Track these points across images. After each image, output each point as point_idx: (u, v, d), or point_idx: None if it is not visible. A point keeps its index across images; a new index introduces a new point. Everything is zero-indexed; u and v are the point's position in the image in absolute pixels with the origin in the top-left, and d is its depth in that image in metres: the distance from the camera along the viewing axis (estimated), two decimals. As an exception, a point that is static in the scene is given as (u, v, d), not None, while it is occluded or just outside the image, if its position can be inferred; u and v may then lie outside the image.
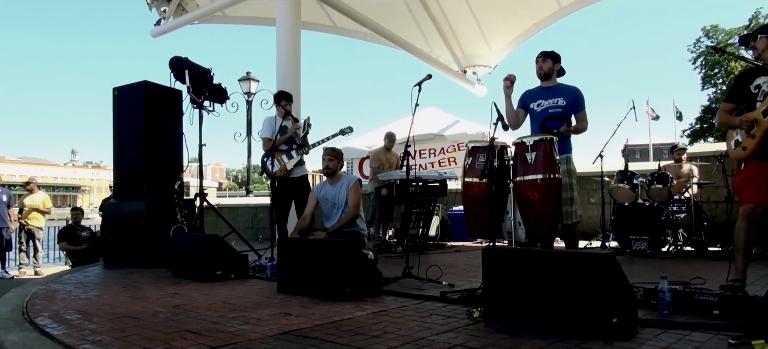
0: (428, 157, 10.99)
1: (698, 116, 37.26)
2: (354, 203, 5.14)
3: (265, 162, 6.15)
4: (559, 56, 4.65)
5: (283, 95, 6.39)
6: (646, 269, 5.24)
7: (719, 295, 3.10)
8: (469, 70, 11.62)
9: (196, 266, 4.83)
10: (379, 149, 8.26)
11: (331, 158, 5.20)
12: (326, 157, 5.21)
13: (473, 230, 4.28)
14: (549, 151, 3.99)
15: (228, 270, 4.84)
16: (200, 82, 6.13)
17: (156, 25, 10.22)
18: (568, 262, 2.71)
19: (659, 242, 6.36)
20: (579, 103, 4.58)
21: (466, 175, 4.25)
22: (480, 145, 4.23)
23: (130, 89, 6.39)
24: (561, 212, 4.17)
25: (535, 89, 4.71)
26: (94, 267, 6.35)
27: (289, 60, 7.81)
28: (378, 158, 8.07)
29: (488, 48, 11.23)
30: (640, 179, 6.84)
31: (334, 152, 5.24)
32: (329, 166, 5.18)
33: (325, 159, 5.21)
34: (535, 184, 3.95)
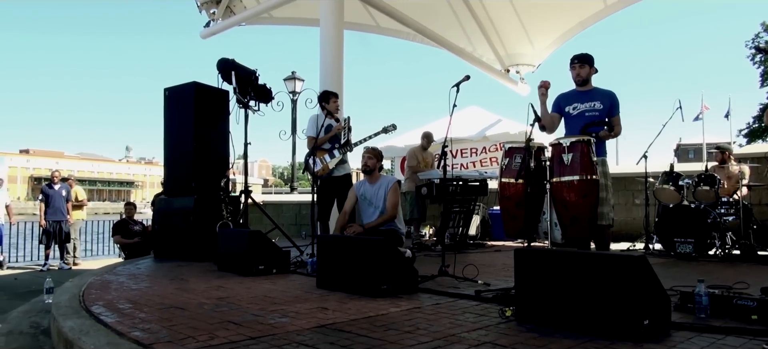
0: (470, 156, 10.99)
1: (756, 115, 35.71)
2: (392, 203, 5.22)
3: (307, 161, 6.30)
4: (593, 58, 4.64)
5: (330, 94, 6.52)
6: (689, 272, 5.15)
7: (759, 299, 3.05)
8: (512, 69, 11.55)
9: (239, 260, 5.02)
10: (416, 148, 8.31)
11: (371, 157, 5.31)
12: (365, 156, 5.33)
13: (509, 231, 4.31)
14: (586, 152, 3.99)
15: (270, 265, 5.01)
16: (246, 83, 6.33)
17: (205, 27, 10.57)
18: (600, 263, 2.73)
19: (705, 245, 6.22)
20: (615, 107, 4.58)
21: (503, 175, 4.28)
22: (517, 146, 4.26)
23: (180, 90, 6.65)
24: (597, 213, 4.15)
25: (570, 93, 4.71)
26: (145, 260, 6.65)
27: (333, 60, 7.96)
28: (415, 157, 8.14)
29: (532, 47, 11.13)
30: (685, 180, 6.70)
31: (374, 151, 5.35)
32: (368, 164, 5.29)
33: (365, 157, 5.33)
34: (572, 185, 3.95)
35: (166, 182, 6.79)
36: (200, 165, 6.41)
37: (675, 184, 6.69)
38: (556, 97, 4.84)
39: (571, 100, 4.68)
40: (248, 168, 6.60)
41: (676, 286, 3.75)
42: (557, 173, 4.02)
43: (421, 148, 8.25)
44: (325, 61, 7.92)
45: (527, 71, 11.60)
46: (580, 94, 4.67)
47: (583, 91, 4.66)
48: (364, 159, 5.32)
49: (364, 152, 5.36)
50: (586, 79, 4.60)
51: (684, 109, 6.78)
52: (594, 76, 4.74)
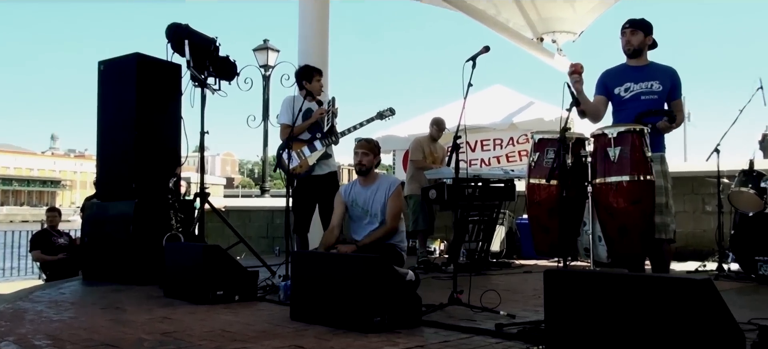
0: (492, 149, 11.03)
1: None
2: (394, 212, 5.22)
3: (281, 155, 6.31)
4: (652, 26, 4.66)
5: (311, 70, 6.52)
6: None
7: None
8: (547, 37, 11.60)
9: (192, 284, 5.02)
10: (423, 138, 8.28)
11: (366, 152, 5.26)
12: (359, 151, 5.27)
13: (540, 247, 4.33)
14: (638, 145, 4.00)
15: (231, 290, 5.01)
16: (203, 55, 6.35)
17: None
18: (653, 288, 2.73)
19: (797, 266, 6.23)
20: (677, 88, 4.63)
21: (532, 175, 4.29)
22: (549, 137, 4.28)
23: (119, 63, 6.66)
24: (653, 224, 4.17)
25: (619, 69, 4.73)
26: (72, 282, 6.65)
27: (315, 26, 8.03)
28: (421, 149, 8.06)
29: (572, 10, 11.17)
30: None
31: (370, 144, 5.31)
32: (363, 162, 5.25)
33: (359, 153, 5.27)
34: (620, 187, 3.97)
35: (99, 182, 6.80)
36: (144, 160, 6.42)
37: (756, 186, 6.68)
38: (601, 75, 4.85)
39: (622, 78, 4.69)
40: (206, 164, 6.62)
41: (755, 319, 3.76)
42: (601, 173, 4.03)
43: (430, 138, 8.23)
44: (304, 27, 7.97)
45: (566, 40, 11.64)
46: (633, 71, 4.68)
47: (636, 66, 4.68)
48: (358, 156, 5.27)
49: (357, 146, 5.32)
50: (638, 49, 4.63)
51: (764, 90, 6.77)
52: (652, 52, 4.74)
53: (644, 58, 4.70)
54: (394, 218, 5.22)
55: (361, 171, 5.29)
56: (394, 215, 5.22)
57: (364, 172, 5.29)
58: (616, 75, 4.74)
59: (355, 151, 5.37)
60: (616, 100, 4.71)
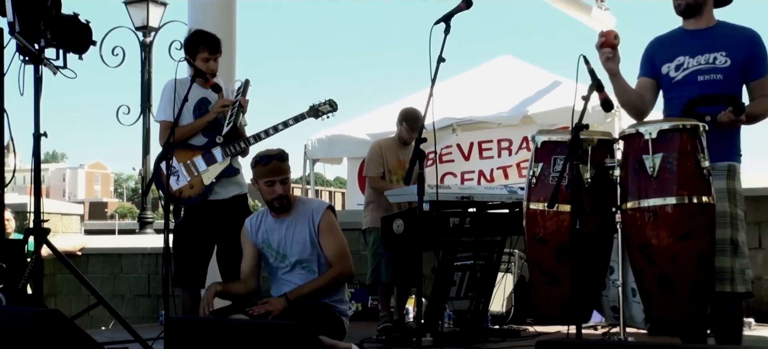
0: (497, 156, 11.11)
1: None
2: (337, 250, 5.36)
3: (158, 168, 6.36)
4: None
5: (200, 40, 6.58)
6: None
7: None
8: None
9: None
10: (386, 142, 8.35)
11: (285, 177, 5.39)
12: (276, 180, 5.36)
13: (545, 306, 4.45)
14: (690, 151, 4.13)
15: (78, 378, 5.06)
16: (35, 14, 6.36)
17: None
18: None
19: None
20: (759, 62, 4.69)
21: (532, 198, 4.41)
22: (558, 140, 4.39)
23: None
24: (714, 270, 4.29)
25: (672, 35, 4.88)
26: None
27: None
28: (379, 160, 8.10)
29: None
30: None
31: (285, 164, 5.42)
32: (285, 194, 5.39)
33: (275, 182, 5.36)
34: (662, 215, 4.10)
35: None
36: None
37: None
38: (648, 45, 5.00)
39: (674, 50, 4.82)
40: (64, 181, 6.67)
41: None
42: (635, 193, 4.16)
43: (398, 141, 8.29)
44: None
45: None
46: (691, 38, 4.80)
47: (695, 31, 4.79)
48: (274, 186, 5.36)
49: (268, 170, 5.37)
50: (695, 4, 4.71)
51: None
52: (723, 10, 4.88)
53: (708, 18, 4.79)
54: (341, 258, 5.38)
55: (282, 207, 5.39)
56: (340, 253, 5.38)
57: (285, 206, 5.39)
58: (666, 45, 4.88)
59: (266, 179, 5.43)
60: (665, 83, 4.84)
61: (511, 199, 7.65)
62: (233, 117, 6.42)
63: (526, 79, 11.57)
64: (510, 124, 11.00)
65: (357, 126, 12.17)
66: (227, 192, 6.52)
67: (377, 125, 11.60)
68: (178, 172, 6.37)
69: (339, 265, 5.32)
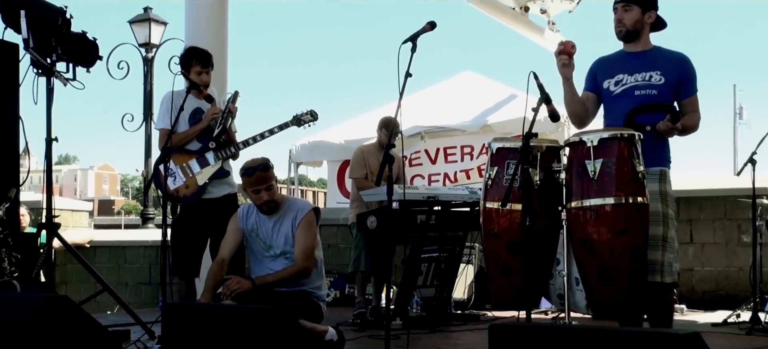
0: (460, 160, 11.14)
1: None
2: (306, 247, 5.37)
3: (157, 170, 6.38)
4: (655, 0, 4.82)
5: (193, 55, 6.61)
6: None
7: None
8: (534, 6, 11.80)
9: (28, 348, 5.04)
10: (368, 147, 8.40)
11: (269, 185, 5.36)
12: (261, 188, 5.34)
13: (499, 293, 4.48)
14: (627, 157, 4.18)
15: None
16: (48, 31, 6.36)
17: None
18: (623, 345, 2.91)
19: None
20: (688, 82, 4.74)
21: (488, 198, 4.44)
22: (511, 147, 4.43)
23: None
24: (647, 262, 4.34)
25: (614, 56, 4.90)
26: None
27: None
28: (362, 163, 8.18)
29: (568, -28, 11.41)
30: (819, 203, 6.96)
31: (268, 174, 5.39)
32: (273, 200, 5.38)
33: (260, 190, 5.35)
34: (602, 213, 4.14)
35: None
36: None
37: (802, 209, 6.96)
38: (592, 64, 5.03)
39: (614, 68, 4.85)
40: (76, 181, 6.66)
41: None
42: (578, 194, 4.20)
43: (378, 147, 8.34)
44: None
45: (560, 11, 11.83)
46: (629, 58, 4.83)
47: (633, 53, 4.83)
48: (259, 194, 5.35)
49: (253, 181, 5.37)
50: (633, 30, 4.74)
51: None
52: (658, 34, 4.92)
53: (645, 42, 4.84)
54: (305, 256, 5.36)
55: (271, 210, 5.42)
56: (306, 250, 5.36)
57: (274, 209, 5.42)
58: (608, 64, 4.90)
59: (251, 189, 5.43)
60: (606, 97, 4.86)
61: (471, 198, 7.67)
62: (222, 122, 6.46)
63: (485, 93, 11.62)
64: (472, 132, 11.03)
65: (335, 133, 12.19)
66: (219, 191, 6.54)
67: (353, 132, 11.67)
68: (175, 174, 6.38)
69: (301, 261, 5.31)
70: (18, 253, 6.23)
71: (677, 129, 4.60)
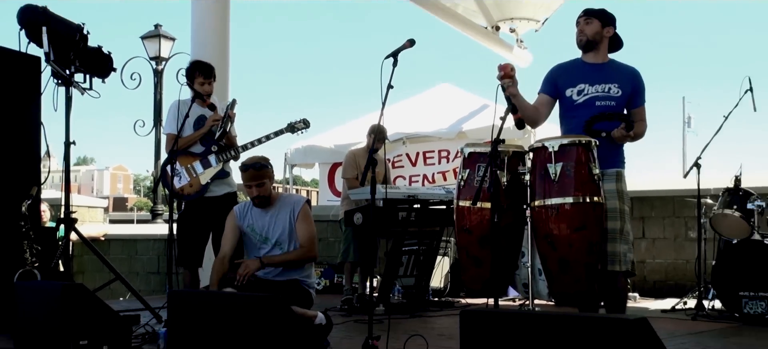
0: (437, 163, 11.19)
1: None
2: (308, 236, 5.36)
3: (164, 171, 6.38)
4: (613, 17, 4.82)
5: (196, 68, 6.61)
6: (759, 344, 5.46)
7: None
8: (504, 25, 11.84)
9: (49, 331, 5.01)
10: (359, 151, 8.43)
11: (260, 183, 5.32)
12: (253, 184, 5.32)
13: (471, 282, 4.51)
14: (584, 161, 4.20)
15: (99, 339, 5.01)
16: (67, 46, 6.35)
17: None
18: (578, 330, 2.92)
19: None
20: (639, 93, 4.79)
21: (461, 197, 4.46)
22: (482, 151, 4.44)
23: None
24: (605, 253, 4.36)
25: (573, 64, 4.91)
26: None
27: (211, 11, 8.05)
28: (353, 164, 8.23)
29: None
30: (757, 202, 6.97)
31: (260, 172, 5.35)
32: (260, 194, 5.34)
33: (252, 186, 5.33)
34: (562, 211, 4.16)
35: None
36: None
37: (742, 208, 6.95)
38: (551, 69, 5.02)
39: (576, 77, 4.85)
40: (93, 180, 6.65)
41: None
42: (541, 194, 4.22)
43: (367, 150, 8.36)
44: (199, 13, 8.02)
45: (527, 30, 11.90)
46: (590, 69, 4.84)
47: (593, 64, 4.84)
48: (252, 189, 5.33)
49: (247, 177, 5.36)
50: (592, 40, 4.78)
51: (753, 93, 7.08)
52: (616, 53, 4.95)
53: (603, 55, 4.86)
54: (310, 243, 5.36)
55: (261, 203, 5.40)
56: (310, 238, 5.37)
57: (264, 203, 5.40)
58: (569, 72, 4.90)
59: (245, 184, 5.44)
60: (567, 104, 4.86)
61: (447, 197, 7.70)
62: (222, 126, 6.46)
63: (460, 103, 11.65)
64: (448, 138, 11.05)
65: (326, 138, 12.21)
66: (220, 190, 6.55)
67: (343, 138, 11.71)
68: (180, 174, 6.39)
69: (307, 247, 5.33)
70: (39, 245, 6.21)
71: (630, 137, 4.65)
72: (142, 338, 5.38)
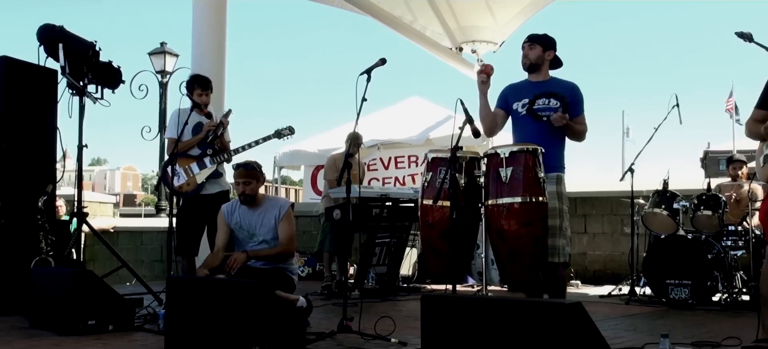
0: (408, 167, 11.24)
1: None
2: (289, 234, 5.34)
3: (165, 171, 6.34)
4: (553, 41, 4.85)
5: (193, 82, 6.59)
6: (679, 324, 5.48)
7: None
8: (467, 47, 11.87)
9: (61, 313, 4.97)
10: (338, 155, 8.45)
11: (247, 181, 5.30)
12: (241, 181, 5.31)
13: (432, 269, 4.50)
14: (531, 166, 4.20)
15: (105, 319, 4.99)
16: (80, 60, 6.32)
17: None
18: (522, 313, 2.93)
19: (706, 289, 6.57)
20: (578, 104, 4.78)
21: (424, 196, 4.46)
22: (443, 157, 4.44)
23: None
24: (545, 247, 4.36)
25: (520, 84, 4.91)
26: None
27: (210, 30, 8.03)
28: (334, 167, 8.25)
29: (492, 18, 11.47)
30: (682, 202, 7.06)
31: (250, 171, 5.34)
32: (246, 191, 5.31)
33: (240, 183, 5.32)
34: (511, 210, 4.16)
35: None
36: (11, 176, 6.29)
37: (669, 207, 7.06)
38: (504, 88, 5.02)
39: (522, 93, 4.85)
40: (105, 179, 6.60)
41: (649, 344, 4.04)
42: (493, 194, 4.22)
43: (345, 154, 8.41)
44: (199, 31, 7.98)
45: (487, 51, 11.92)
46: (533, 85, 4.85)
47: (537, 82, 4.85)
48: (239, 185, 5.32)
49: (236, 174, 5.34)
50: (535, 63, 4.79)
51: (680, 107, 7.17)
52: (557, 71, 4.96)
53: (545, 74, 4.87)
54: (289, 241, 5.34)
55: (246, 201, 5.36)
56: (289, 236, 5.34)
57: (248, 201, 5.36)
58: (517, 90, 4.90)
59: (235, 180, 5.42)
60: (514, 116, 4.87)
61: (415, 197, 7.70)
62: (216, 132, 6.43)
63: (428, 114, 11.72)
64: (417, 145, 11.11)
65: (311, 144, 12.25)
66: (214, 189, 6.52)
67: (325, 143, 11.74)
68: (179, 174, 6.37)
69: (286, 245, 5.31)
70: (53, 236, 6.16)
71: (565, 119, 4.60)
72: (144, 319, 5.36)
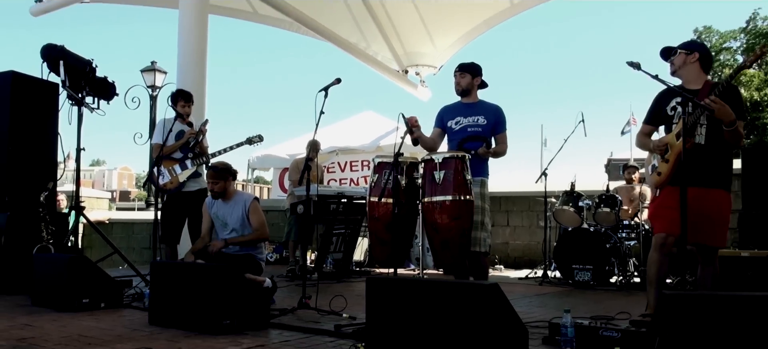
0: (361, 169, 11.26)
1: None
2: (259, 221, 5.32)
3: (152, 171, 6.27)
4: (480, 68, 4.92)
5: (176, 96, 6.54)
6: (582, 302, 5.61)
7: (624, 331, 3.45)
8: (412, 69, 11.97)
9: (58, 292, 4.89)
10: (300, 159, 8.45)
11: (215, 181, 5.33)
12: (210, 180, 5.36)
13: (378, 256, 4.51)
14: (460, 170, 4.25)
15: (97, 298, 4.92)
16: (79, 76, 6.22)
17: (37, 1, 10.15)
18: (448, 293, 2.97)
19: (604, 273, 6.76)
20: (500, 123, 4.85)
21: (371, 194, 4.47)
22: (387, 161, 4.47)
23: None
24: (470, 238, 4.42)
25: (454, 105, 4.97)
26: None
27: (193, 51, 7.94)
28: (298, 170, 8.25)
29: (433, 46, 11.59)
30: (585, 201, 7.25)
31: (216, 173, 5.35)
32: (214, 189, 5.33)
33: (209, 182, 5.38)
34: (443, 206, 4.20)
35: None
36: (17, 175, 6.19)
37: (575, 205, 7.24)
38: (440, 109, 5.09)
39: (455, 113, 4.93)
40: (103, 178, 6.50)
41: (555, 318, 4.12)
42: (429, 193, 4.25)
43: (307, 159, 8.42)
44: (184, 52, 7.89)
45: (428, 73, 12.04)
46: (465, 107, 4.92)
47: (468, 104, 4.93)
48: (209, 184, 5.36)
49: (207, 175, 5.40)
50: (467, 89, 4.87)
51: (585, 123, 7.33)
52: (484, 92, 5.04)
53: (474, 97, 4.94)
54: (261, 226, 5.33)
55: (216, 196, 5.35)
56: (261, 223, 5.34)
57: (219, 196, 5.35)
58: (450, 110, 4.98)
59: (207, 179, 5.47)
60: (449, 131, 4.94)
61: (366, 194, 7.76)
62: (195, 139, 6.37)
63: (379, 125, 11.76)
64: (369, 151, 11.14)
65: (280, 149, 12.20)
66: (194, 187, 6.46)
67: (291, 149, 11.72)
68: (164, 174, 6.31)
69: (259, 231, 5.30)
70: (53, 226, 6.05)
71: (490, 153, 4.72)
72: (132, 297, 5.30)
